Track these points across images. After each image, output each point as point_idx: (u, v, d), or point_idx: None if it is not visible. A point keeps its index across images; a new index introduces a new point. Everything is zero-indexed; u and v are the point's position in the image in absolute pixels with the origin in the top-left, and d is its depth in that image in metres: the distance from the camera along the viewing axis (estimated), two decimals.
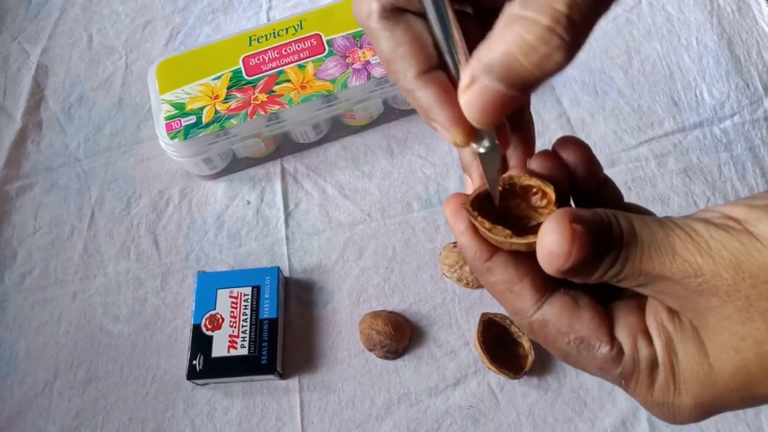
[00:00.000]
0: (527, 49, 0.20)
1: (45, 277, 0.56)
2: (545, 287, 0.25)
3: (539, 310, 0.25)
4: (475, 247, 0.25)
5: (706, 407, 0.23)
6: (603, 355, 0.24)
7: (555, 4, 0.19)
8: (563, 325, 0.24)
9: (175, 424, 0.49)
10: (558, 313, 0.24)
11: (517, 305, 0.25)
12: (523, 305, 0.25)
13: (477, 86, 0.21)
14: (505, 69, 0.20)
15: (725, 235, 0.21)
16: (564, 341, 0.24)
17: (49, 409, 0.51)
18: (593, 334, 0.24)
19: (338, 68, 0.54)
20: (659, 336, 0.24)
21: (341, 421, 0.48)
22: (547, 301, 0.25)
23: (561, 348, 0.25)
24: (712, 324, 0.22)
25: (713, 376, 0.22)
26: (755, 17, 0.60)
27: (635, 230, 0.22)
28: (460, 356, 0.49)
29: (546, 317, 0.24)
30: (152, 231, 0.57)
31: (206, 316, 0.50)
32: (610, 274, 0.22)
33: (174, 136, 0.53)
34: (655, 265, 0.22)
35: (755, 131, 0.55)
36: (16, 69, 0.68)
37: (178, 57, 0.57)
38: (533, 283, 0.25)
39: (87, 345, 0.53)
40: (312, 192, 0.57)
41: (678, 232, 0.22)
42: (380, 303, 0.52)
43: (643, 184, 0.54)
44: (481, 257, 0.25)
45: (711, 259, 0.21)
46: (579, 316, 0.24)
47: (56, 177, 0.61)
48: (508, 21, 0.20)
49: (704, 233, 0.21)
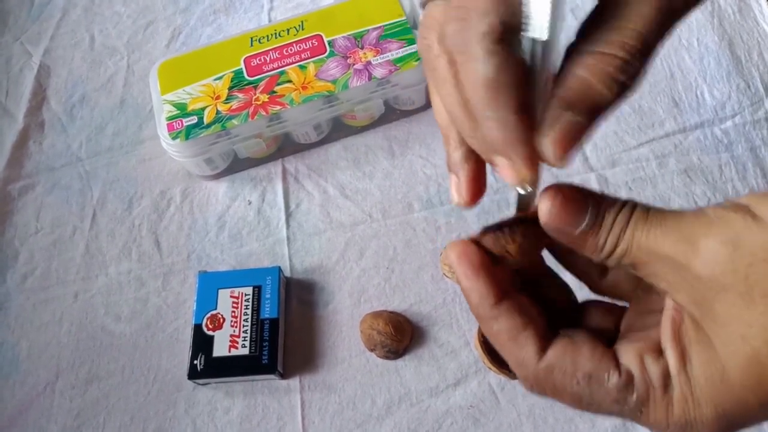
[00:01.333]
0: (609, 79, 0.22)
1: (47, 277, 0.56)
2: (547, 334, 0.25)
3: (544, 356, 0.24)
4: (483, 291, 0.25)
5: (728, 418, 0.22)
6: (614, 384, 0.23)
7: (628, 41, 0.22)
8: (567, 365, 0.24)
9: (177, 423, 0.49)
10: (561, 355, 0.24)
11: (522, 355, 0.24)
12: (527, 354, 0.24)
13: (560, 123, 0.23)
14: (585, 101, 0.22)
15: (729, 213, 0.21)
16: (573, 383, 0.24)
17: (51, 408, 0.51)
18: (599, 366, 0.23)
19: (339, 69, 0.54)
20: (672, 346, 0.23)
21: (342, 421, 0.48)
22: (550, 347, 0.24)
23: (572, 393, 0.24)
24: (718, 314, 0.21)
25: (727, 375, 0.21)
26: (756, 18, 0.60)
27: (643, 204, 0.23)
28: (460, 356, 0.49)
29: (551, 362, 0.24)
30: (154, 231, 0.57)
31: (207, 316, 0.50)
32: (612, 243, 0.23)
33: (175, 137, 0.53)
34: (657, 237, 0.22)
35: (756, 132, 0.55)
36: (18, 69, 0.68)
37: (180, 57, 0.57)
38: (536, 330, 0.24)
39: (88, 345, 0.53)
40: (313, 192, 0.57)
41: (687, 214, 0.22)
42: (381, 303, 0.52)
43: (643, 184, 0.54)
44: (488, 301, 0.25)
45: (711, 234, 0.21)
46: (580, 351, 0.24)
47: (58, 177, 0.61)
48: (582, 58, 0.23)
49: (710, 213, 0.22)
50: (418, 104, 0.59)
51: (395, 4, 0.56)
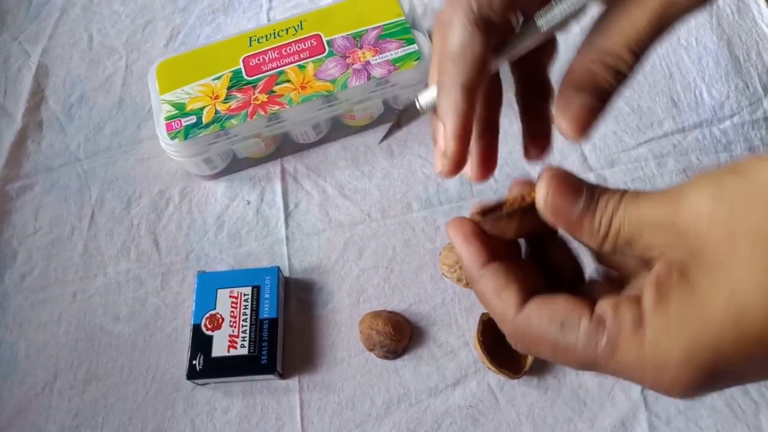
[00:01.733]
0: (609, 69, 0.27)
1: (45, 277, 0.56)
2: (528, 293, 0.26)
3: (522, 310, 0.26)
4: (472, 255, 0.28)
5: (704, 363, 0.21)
6: (585, 329, 0.24)
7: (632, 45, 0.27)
8: (543, 315, 0.25)
9: (175, 423, 0.49)
10: (537, 307, 0.26)
11: (503, 308, 0.27)
12: (508, 308, 0.26)
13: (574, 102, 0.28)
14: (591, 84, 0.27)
15: (711, 172, 0.23)
16: (548, 330, 0.25)
17: (49, 408, 0.51)
18: (571, 314, 0.24)
19: (338, 68, 0.54)
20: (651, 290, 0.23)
21: (341, 421, 0.48)
22: (528, 302, 0.26)
23: (547, 340, 0.25)
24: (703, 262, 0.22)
25: (705, 315, 0.21)
26: (755, 18, 0.60)
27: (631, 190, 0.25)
28: (459, 356, 0.49)
29: (528, 313, 0.26)
30: (152, 231, 0.57)
31: (206, 315, 0.50)
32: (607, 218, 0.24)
33: (174, 136, 0.53)
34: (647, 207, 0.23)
35: (755, 132, 0.55)
36: (16, 69, 0.68)
37: (179, 57, 0.57)
38: (519, 288, 0.27)
39: (87, 345, 0.53)
40: (312, 192, 0.57)
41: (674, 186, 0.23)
42: (380, 303, 0.52)
43: (642, 184, 0.54)
44: (476, 264, 0.27)
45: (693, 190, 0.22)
46: (555, 302, 0.25)
47: (56, 177, 0.61)
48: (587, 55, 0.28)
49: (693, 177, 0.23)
50: None
51: (394, 4, 0.56)
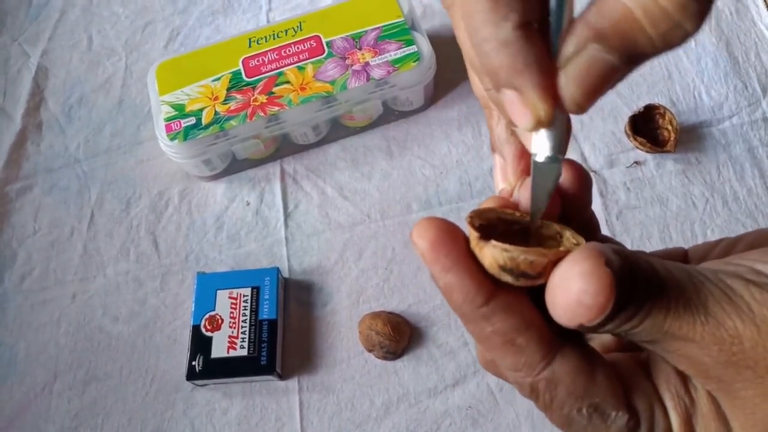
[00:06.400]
0: (659, 15, 0.16)
1: (45, 278, 0.56)
2: (554, 338, 0.20)
3: (549, 366, 0.20)
4: (469, 287, 0.19)
5: None
6: (619, 427, 0.20)
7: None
8: (578, 388, 0.20)
9: (175, 424, 0.49)
10: (572, 373, 0.20)
11: (521, 361, 0.20)
12: (528, 361, 0.20)
13: (583, 56, 0.18)
14: (621, 37, 0.17)
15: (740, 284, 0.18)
16: (575, 408, 0.20)
17: (49, 410, 0.51)
18: (610, 401, 0.20)
19: (337, 70, 0.54)
20: (675, 409, 0.20)
21: (340, 422, 0.48)
22: (559, 355, 0.20)
23: (567, 415, 0.20)
24: (743, 401, 0.18)
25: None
26: (753, 19, 0.60)
27: (661, 277, 0.18)
28: (459, 357, 0.49)
29: (557, 376, 0.20)
30: (152, 232, 0.57)
31: (206, 316, 0.50)
32: (626, 327, 0.18)
33: (174, 138, 0.53)
34: (682, 325, 0.18)
35: (753, 132, 0.55)
36: (16, 70, 0.68)
37: (178, 58, 0.57)
38: (541, 332, 0.20)
39: (86, 346, 0.53)
40: (311, 193, 0.57)
41: (711, 288, 0.18)
42: (379, 304, 0.52)
43: (641, 185, 0.54)
44: (475, 300, 0.19)
45: (755, 327, 0.17)
46: (596, 377, 0.20)
47: (56, 178, 0.61)
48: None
49: (744, 293, 0.18)
50: (417, 105, 0.59)
51: (393, 5, 0.57)
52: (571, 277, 0.17)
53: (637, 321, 0.18)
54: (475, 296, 0.19)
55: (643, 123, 0.55)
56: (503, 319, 0.19)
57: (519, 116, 0.19)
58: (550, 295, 0.18)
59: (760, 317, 0.17)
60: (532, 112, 0.19)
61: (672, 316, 0.18)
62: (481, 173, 0.56)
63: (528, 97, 0.18)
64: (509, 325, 0.19)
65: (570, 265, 0.17)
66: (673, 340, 0.18)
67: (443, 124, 0.59)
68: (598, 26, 0.17)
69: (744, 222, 0.52)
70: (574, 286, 0.17)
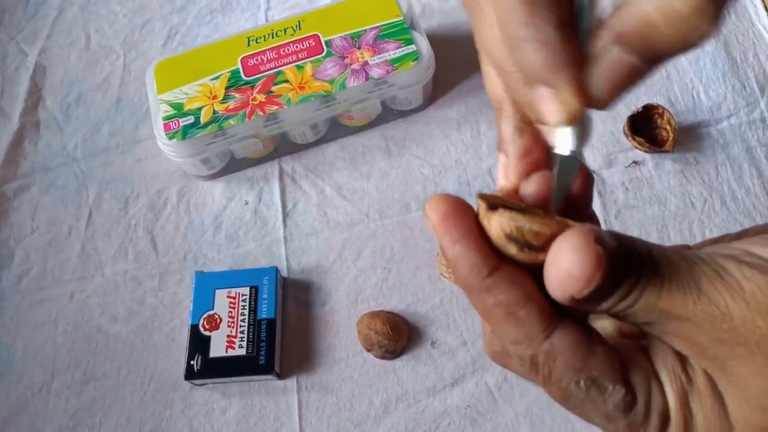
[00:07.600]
0: (676, 18, 0.18)
1: (42, 277, 0.56)
2: (554, 313, 0.21)
3: (548, 339, 0.20)
4: (475, 258, 0.20)
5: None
6: (616, 401, 0.21)
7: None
8: (576, 361, 0.20)
9: (173, 424, 0.49)
10: (571, 346, 0.21)
11: (521, 333, 0.21)
12: (529, 332, 0.20)
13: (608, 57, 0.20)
14: (642, 40, 0.19)
15: (762, 278, 0.18)
16: (573, 380, 0.21)
17: (47, 409, 0.51)
18: (608, 375, 0.21)
19: (336, 69, 0.54)
20: (672, 386, 0.21)
21: (339, 421, 0.48)
22: (558, 329, 0.21)
23: (565, 387, 0.21)
24: (737, 377, 0.19)
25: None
26: (751, 19, 0.60)
27: (655, 258, 0.19)
28: (458, 356, 0.49)
29: (556, 348, 0.20)
30: (150, 231, 0.57)
31: (204, 316, 0.50)
32: (621, 307, 0.19)
33: (172, 137, 0.53)
34: (675, 303, 0.19)
35: (752, 132, 0.55)
36: (13, 69, 0.67)
37: (177, 57, 0.57)
38: (541, 306, 0.21)
39: (84, 345, 0.53)
40: (310, 192, 0.57)
41: (704, 268, 0.19)
42: (378, 303, 0.52)
43: (640, 184, 0.54)
44: (481, 271, 0.20)
45: (744, 304, 0.18)
46: (594, 351, 0.21)
47: (54, 177, 0.61)
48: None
49: (736, 272, 0.19)
50: (415, 104, 0.59)
51: (392, 5, 0.57)
52: (562, 251, 0.19)
53: (632, 299, 0.19)
54: (480, 268, 0.20)
55: (641, 123, 0.55)
56: (506, 290, 0.20)
57: (551, 112, 0.21)
58: (546, 270, 0.19)
59: (749, 293, 0.18)
60: (564, 108, 0.20)
61: (665, 294, 0.19)
62: (479, 173, 0.56)
63: (562, 94, 0.20)
64: (511, 298, 0.20)
65: (563, 239, 0.19)
66: (668, 320, 0.19)
67: (442, 123, 0.59)
68: (621, 30, 0.19)
69: (742, 222, 0.52)
70: (565, 259, 0.19)
